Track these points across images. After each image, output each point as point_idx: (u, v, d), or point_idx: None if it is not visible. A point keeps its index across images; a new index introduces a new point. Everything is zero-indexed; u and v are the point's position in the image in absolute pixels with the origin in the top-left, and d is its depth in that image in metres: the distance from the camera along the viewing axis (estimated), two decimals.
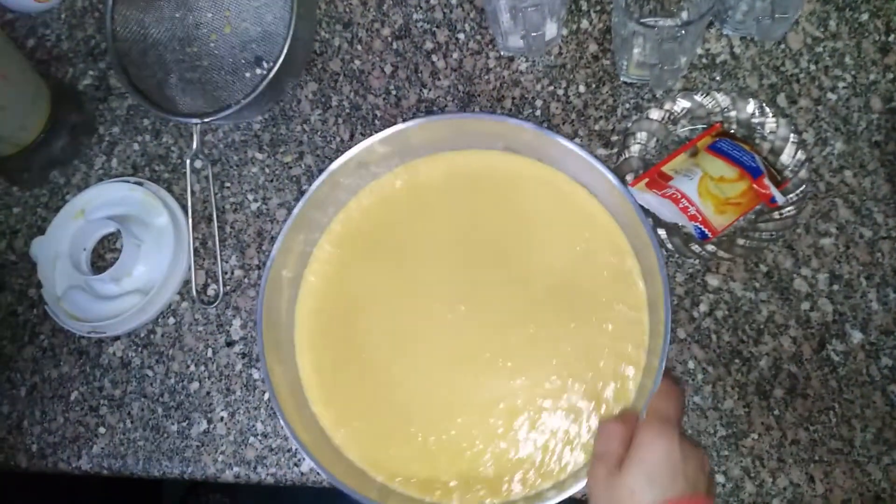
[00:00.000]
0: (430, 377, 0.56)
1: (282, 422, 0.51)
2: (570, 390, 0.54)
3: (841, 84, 0.60)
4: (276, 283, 0.55)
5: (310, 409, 0.56)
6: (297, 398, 0.55)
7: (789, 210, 0.56)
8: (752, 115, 0.58)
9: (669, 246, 0.57)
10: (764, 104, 0.58)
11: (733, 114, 0.59)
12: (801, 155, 0.57)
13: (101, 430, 0.63)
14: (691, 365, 0.57)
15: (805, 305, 0.57)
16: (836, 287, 0.57)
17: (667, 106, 0.59)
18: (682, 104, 0.59)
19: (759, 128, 0.58)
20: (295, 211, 0.55)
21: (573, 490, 0.49)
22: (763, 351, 0.56)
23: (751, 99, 0.58)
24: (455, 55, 0.66)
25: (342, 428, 0.55)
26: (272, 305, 0.55)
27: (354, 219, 0.60)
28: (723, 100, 0.59)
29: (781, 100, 0.60)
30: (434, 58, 0.67)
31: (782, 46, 0.62)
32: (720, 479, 0.54)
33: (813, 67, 0.61)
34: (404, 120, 0.56)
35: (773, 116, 0.58)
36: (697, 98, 0.59)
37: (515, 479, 0.53)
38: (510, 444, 0.53)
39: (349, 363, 0.57)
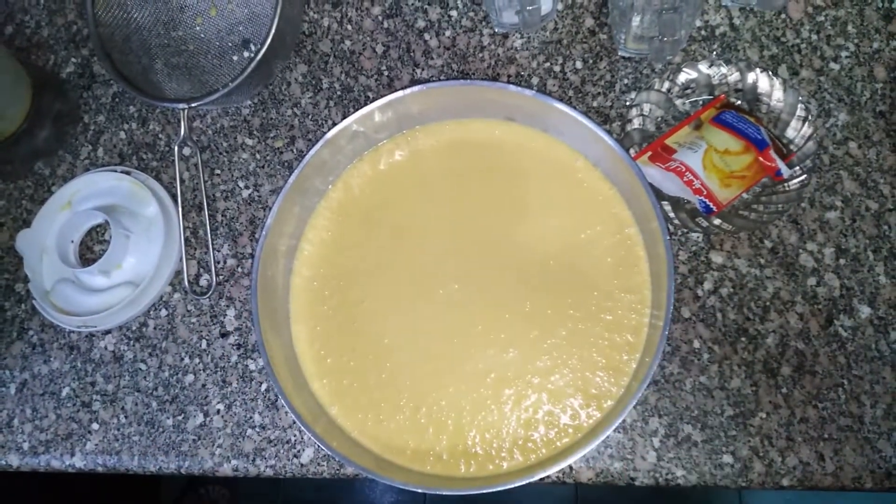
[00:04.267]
0: (422, 347, 0.56)
1: (278, 392, 0.52)
2: (559, 373, 0.53)
3: (843, 53, 0.59)
4: (271, 251, 0.56)
5: (308, 388, 0.56)
6: (294, 377, 0.55)
7: (795, 183, 0.55)
8: (758, 85, 0.57)
9: (676, 221, 0.55)
10: (772, 74, 0.56)
11: (738, 85, 0.58)
12: (807, 126, 0.55)
13: (95, 426, 0.62)
14: (697, 344, 0.55)
15: (811, 281, 0.55)
16: (842, 261, 0.55)
17: (672, 77, 0.58)
18: (688, 75, 0.58)
19: (764, 99, 0.57)
20: (293, 175, 0.55)
21: (556, 468, 0.49)
22: (769, 328, 0.55)
23: (758, 69, 0.57)
24: (448, 33, 0.65)
25: (336, 403, 0.56)
26: (268, 274, 0.55)
27: (352, 187, 0.60)
28: (728, 70, 0.57)
29: (783, 71, 0.59)
30: (426, 36, 0.65)
31: (783, 16, 0.60)
32: (728, 459, 0.53)
33: (814, 37, 0.60)
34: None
35: (780, 87, 0.56)
36: (703, 69, 0.58)
37: (503, 454, 0.52)
38: (498, 417, 0.53)
39: (342, 334, 0.57)
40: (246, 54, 0.66)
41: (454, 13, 0.65)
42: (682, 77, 0.58)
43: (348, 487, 1.27)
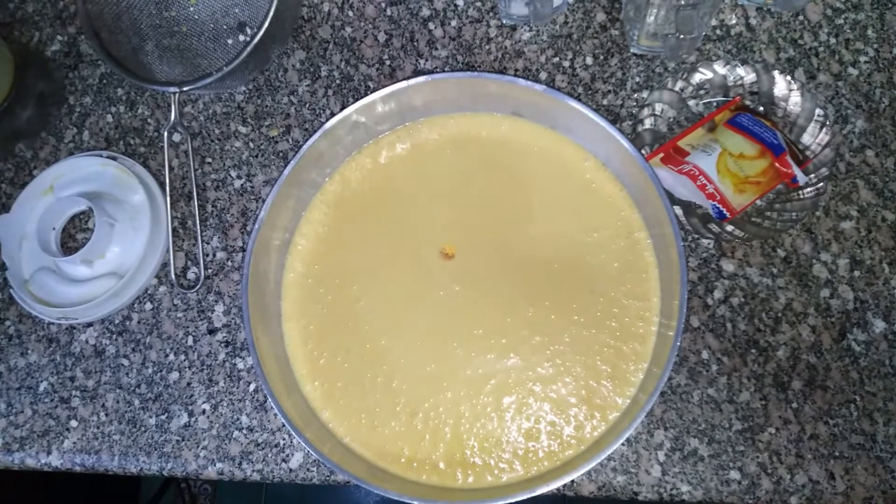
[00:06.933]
0: (419, 350, 0.54)
1: (267, 394, 0.49)
2: (562, 382, 0.51)
3: (863, 58, 0.57)
4: (264, 245, 0.53)
5: (299, 390, 0.54)
6: (285, 378, 0.53)
7: (810, 191, 0.53)
8: (775, 88, 0.55)
9: (687, 226, 0.53)
10: (791, 78, 0.54)
11: (754, 87, 0.55)
12: (824, 133, 0.53)
13: (73, 423, 0.59)
14: (705, 355, 0.53)
15: (825, 292, 0.54)
16: (857, 273, 0.54)
17: (686, 76, 0.56)
18: (703, 75, 0.56)
19: (781, 103, 0.55)
20: (289, 166, 0.52)
21: (559, 483, 0.47)
22: (781, 340, 0.53)
23: (776, 71, 0.55)
24: (453, 23, 0.62)
25: (329, 407, 0.53)
26: (259, 268, 0.53)
27: (350, 180, 0.57)
28: (744, 72, 0.55)
29: (800, 75, 0.57)
30: (431, 26, 0.62)
31: (800, 18, 0.58)
32: (735, 475, 0.51)
33: (833, 40, 0.58)
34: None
35: (798, 90, 0.54)
36: (718, 69, 0.55)
37: (502, 465, 0.50)
38: (498, 425, 0.51)
39: (336, 334, 0.55)
40: (241, 38, 0.63)
41: (460, 2, 0.62)
42: (697, 77, 0.56)
43: (333, 486, 1.25)
